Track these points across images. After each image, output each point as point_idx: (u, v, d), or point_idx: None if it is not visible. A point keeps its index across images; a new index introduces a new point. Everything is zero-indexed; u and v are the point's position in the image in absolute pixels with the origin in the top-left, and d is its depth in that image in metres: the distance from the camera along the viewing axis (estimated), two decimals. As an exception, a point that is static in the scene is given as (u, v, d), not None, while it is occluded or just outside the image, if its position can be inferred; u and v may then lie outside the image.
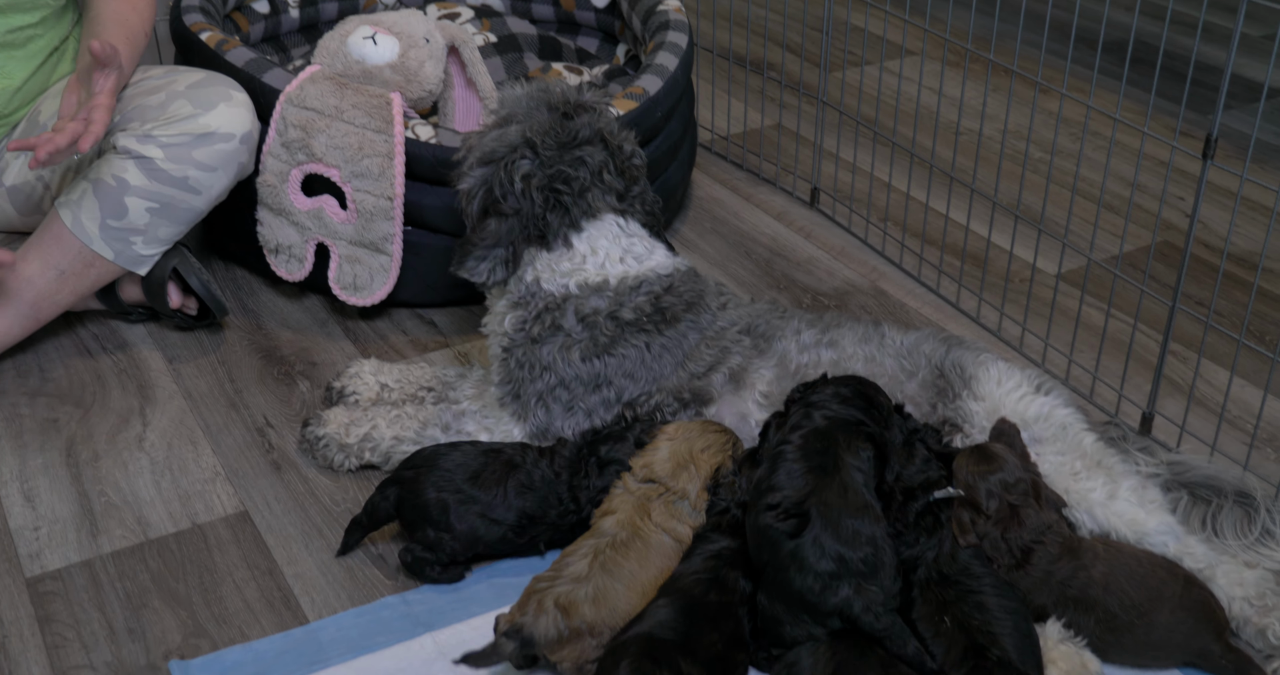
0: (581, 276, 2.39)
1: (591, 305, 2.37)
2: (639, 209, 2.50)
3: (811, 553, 1.92)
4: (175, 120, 2.62)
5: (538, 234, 2.39)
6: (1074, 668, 1.93)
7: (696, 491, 2.14)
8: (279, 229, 2.86)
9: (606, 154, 2.42)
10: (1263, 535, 2.30)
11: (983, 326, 3.02)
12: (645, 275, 2.41)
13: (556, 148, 2.37)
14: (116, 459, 2.53)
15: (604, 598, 1.96)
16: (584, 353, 2.35)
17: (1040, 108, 4.06)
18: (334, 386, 2.65)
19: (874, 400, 2.17)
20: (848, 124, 3.79)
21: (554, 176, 2.36)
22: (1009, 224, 3.23)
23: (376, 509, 2.20)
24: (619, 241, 2.42)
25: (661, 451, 2.18)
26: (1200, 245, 3.33)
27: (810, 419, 2.10)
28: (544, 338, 2.37)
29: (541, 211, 2.37)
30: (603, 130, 2.43)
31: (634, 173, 2.49)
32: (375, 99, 2.77)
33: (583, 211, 2.39)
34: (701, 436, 2.21)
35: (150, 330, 2.92)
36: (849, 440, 2.08)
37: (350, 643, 2.08)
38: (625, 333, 2.37)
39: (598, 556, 2.02)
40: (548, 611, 1.92)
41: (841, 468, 2.03)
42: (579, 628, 1.92)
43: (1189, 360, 2.87)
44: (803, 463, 2.04)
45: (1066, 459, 2.23)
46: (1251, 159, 3.58)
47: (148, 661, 2.07)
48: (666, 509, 2.12)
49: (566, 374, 2.35)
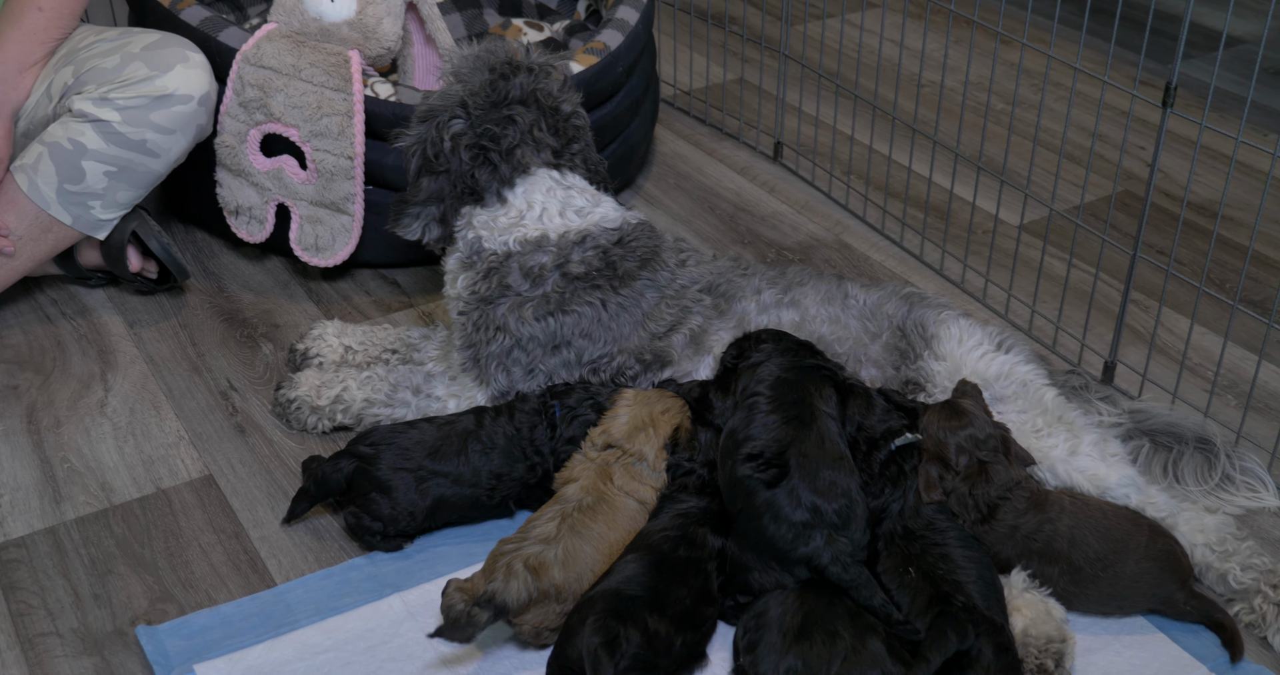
0: (520, 232, 2.38)
1: (535, 261, 2.36)
2: (580, 164, 2.49)
3: (787, 502, 1.93)
4: (132, 83, 2.57)
5: (470, 192, 2.39)
6: (1038, 615, 1.94)
7: (654, 452, 2.14)
8: (239, 190, 2.82)
9: (539, 113, 2.41)
10: (1223, 480, 2.33)
11: (946, 278, 3.02)
12: (589, 229, 2.40)
13: (488, 107, 2.37)
14: (78, 425, 2.50)
15: (573, 559, 1.96)
16: (537, 311, 2.33)
17: (1001, 58, 4.04)
18: (297, 349, 2.62)
19: (813, 347, 2.21)
20: (810, 77, 3.77)
21: (482, 135, 2.36)
22: (971, 175, 3.22)
23: (328, 480, 2.18)
24: (555, 194, 2.41)
25: (620, 417, 2.18)
26: (1161, 194, 3.33)
27: (770, 370, 2.11)
28: (494, 298, 2.36)
29: (470, 169, 2.37)
30: (537, 90, 2.42)
31: (572, 132, 2.47)
32: (333, 57, 2.72)
33: (512, 168, 2.38)
34: (660, 401, 2.21)
35: (110, 295, 2.89)
36: (818, 387, 2.09)
37: (318, 604, 2.07)
38: (578, 290, 2.35)
39: (565, 519, 2.02)
40: (518, 574, 1.91)
41: (817, 417, 2.04)
42: (547, 590, 1.91)
43: (1150, 309, 2.87)
44: (778, 413, 2.04)
45: (1028, 416, 2.23)
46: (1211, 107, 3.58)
47: (114, 627, 2.06)
48: (627, 471, 2.12)
49: (521, 333, 2.33)
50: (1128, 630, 2.04)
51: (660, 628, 1.84)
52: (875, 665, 1.77)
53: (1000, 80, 3.88)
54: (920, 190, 3.31)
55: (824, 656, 1.78)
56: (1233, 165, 2.39)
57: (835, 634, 1.80)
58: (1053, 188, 2.93)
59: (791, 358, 2.16)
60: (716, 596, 1.99)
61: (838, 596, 1.88)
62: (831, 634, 1.80)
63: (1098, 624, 2.05)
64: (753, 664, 1.84)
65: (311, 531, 2.24)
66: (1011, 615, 1.94)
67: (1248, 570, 2.07)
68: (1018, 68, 2.86)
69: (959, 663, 1.79)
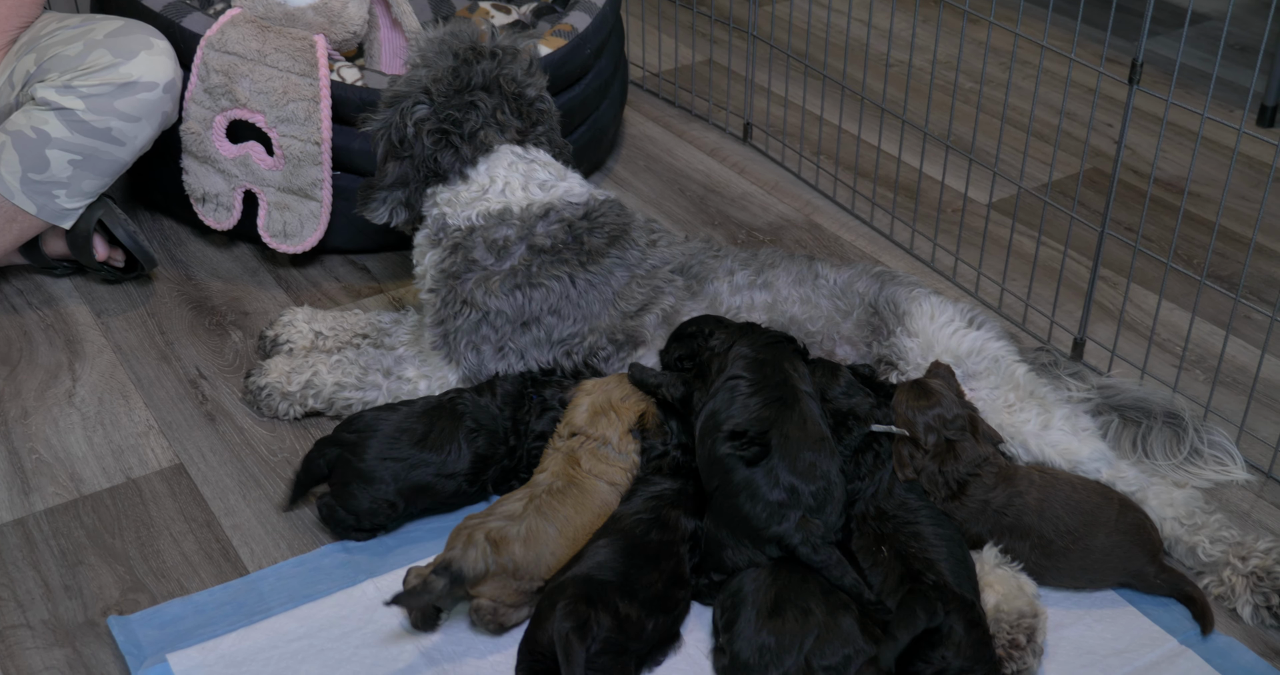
0: (483, 206, 2.38)
1: (499, 234, 2.36)
2: (545, 144, 2.49)
3: (765, 482, 1.93)
4: (95, 70, 2.54)
5: (434, 173, 2.40)
6: (1010, 591, 1.95)
7: (618, 436, 2.14)
8: (205, 177, 2.80)
9: (501, 98, 2.42)
10: (1191, 454, 2.34)
11: (916, 257, 3.02)
12: (552, 202, 2.40)
13: (451, 93, 2.38)
14: (46, 415, 2.47)
15: (535, 539, 1.96)
16: (504, 285, 2.33)
17: (969, 37, 4.04)
18: (267, 335, 2.61)
19: (756, 327, 2.22)
20: (779, 58, 3.76)
21: (444, 120, 2.37)
22: (940, 154, 3.22)
23: (313, 466, 2.17)
24: (517, 168, 2.41)
25: (581, 406, 2.18)
26: (1128, 171, 3.34)
27: (743, 351, 2.12)
28: (461, 273, 2.36)
29: (432, 153, 2.38)
30: (500, 76, 2.42)
31: (536, 116, 2.48)
32: (298, 42, 2.70)
33: (474, 148, 2.39)
34: (619, 387, 2.21)
35: (77, 284, 2.86)
36: (794, 365, 2.10)
37: (291, 592, 2.06)
38: (545, 263, 2.34)
39: (533, 500, 2.03)
40: (477, 544, 1.92)
41: (800, 398, 2.05)
42: (506, 564, 1.92)
43: (1119, 285, 2.88)
44: (760, 395, 2.04)
45: (1000, 392, 2.24)
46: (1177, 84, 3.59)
47: (86, 618, 2.04)
48: (593, 455, 2.12)
49: (489, 307, 2.32)
50: (1098, 604, 2.05)
51: (631, 612, 1.84)
52: (847, 642, 1.77)
53: (968, 59, 3.88)
54: (890, 170, 3.30)
55: (797, 633, 1.78)
56: (1199, 141, 2.39)
57: (808, 611, 1.80)
58: (1021, 166, 2.94)
59: (757, 336, 2.16)
60: (689, 579, 1.99)
61: (811, 573, 1.88)
62: (804, 611, 1.80)
63: (1069, 599, 2.06)
64: (730, 641, 1.84)
65: (284, 519, 2.22)
66: (983, 591, 1.94)
67: (1216, 543, 2.08)
68: (985, 46, 2.86)
69: (931, 640, 1.80)
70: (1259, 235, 3.04)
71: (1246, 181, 3.30)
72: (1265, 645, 2.00)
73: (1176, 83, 2.52)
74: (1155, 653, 1.96)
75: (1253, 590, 2.02)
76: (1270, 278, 2.91)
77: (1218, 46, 2.45)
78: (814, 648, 1.76)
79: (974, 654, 1.81)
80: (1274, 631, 2.02)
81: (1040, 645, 1.91)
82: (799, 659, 1.76)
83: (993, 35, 3.94)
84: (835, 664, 1.76)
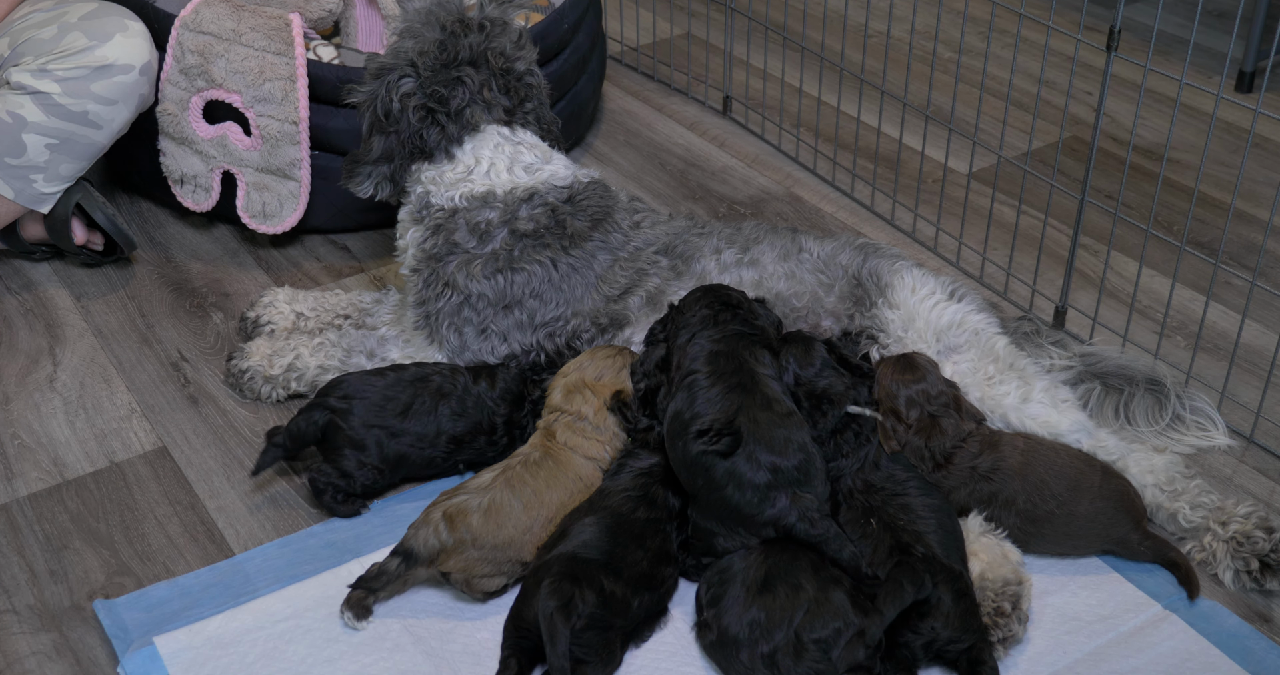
0: (467, 188, 2.35)
1: (482, 217, 2.34)
2: (532, 122, 2.46)
3: (747, 467, 1.91)
4: (70, 53, 2.51)
5: (419, 150, 2.37)
6: (995, 558, 1.95)
7: (594, 410, 2.13)
8: (183, 159, 2.77)
9: (489, 74, 2.38)
10: (1173, 420, 2.34)
11: (898, 228, 3.01)
12: (537, 187, 2.37)
13: (437, 67, 2.35)
14: (28, 400, 2.45)
15: (496, 511, 1.96)
16: (485, 269, 2.31)
17: (947, 7, 4.02)
18: (248, 317, 2.58)
19: (729, 301, 2.18)
20: (757, 30, 3.73)
21: (430, 96, 2.34)
22: (920, 125, 3.20)
23: (303, 433, 2.15)
24: (503, 150, 2.38)
25: (557, 387, 2.18)
26: (1107, 139, 3.33)
27: (701, 345, 2.10)
28: (443, 256, 2.33)
29: (419, 129, 2.35)
30: (488, 50, 2.38)
31: (525, 91, 2.44)
32: (274, 21, 2.66)
33: (460, 127, 2.36)
34: (592, 364, 2.20)
35: (56, 268, 2.83)
36: (752, 351, 2.08)
37: (277, 572, 2.05)
38: (527, 248, 2.32)
39: (505, 472, 2.03)
40: (431, 522, 1.92)
41: (759, 381, 2.03)
42: (463, 537, 1.92)
43: (1099, 253, 2.87)
44: (719, 385, 2.02)
45: (980, 364, 2.23)
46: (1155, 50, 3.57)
47: (72, 602, 2.03)
48: (568, 428, 2.11)
49: (470, 290, 2.31)
50: (1083, 571, 2.05)
51: (617, 589, 1.83)
52: (838, 616, 1.77)
53: (946, 28, 3.86)
54: (870, 141, 3.29)
55: (787, 608, 1.77)
56: (1177, 107, 2.38)
57: (798, 586, 1.80)
58: (1000, 135, 2.92)
59: (718, 329, 2.13)
60: (676, 556, 1.98)
61: (801, 550, 1.88)
62: (795, 586, 1.80)
63: (1054, 566, 2.06)
64: (716, 617, 1.83)
65: (269, 500, 2.21)
66: (969, 559, 1.94)
67: (1197, 509, 2.08)
68: (963, 16, 2.84)
69: (920, 610, 1.80)
70: (1238, 201, 3.04)
71: (1225, 147, 3.29)
72: (1248, 609, 2.00)
73: (1154, 49, 2.51)
74: (1139, 618, 1.96)
75: (1233, 555, 2.02)
76: (1250, 243, 2.91)
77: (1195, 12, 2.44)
78: (804, 622, 1.75)
79: (962, 624, 1.81)
80: (1255, 595, 2.03)
81: (1025, 612, 1.91)
82: (789, 633, 1.75)
83: (970, 4, 3.92)
84: (825, 637, 1.75)
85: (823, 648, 1.74)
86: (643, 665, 1.89)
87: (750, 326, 2.14)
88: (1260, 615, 2.00)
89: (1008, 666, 1.88)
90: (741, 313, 2.17)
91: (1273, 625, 1.98)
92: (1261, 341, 2.58)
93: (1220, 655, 1.90)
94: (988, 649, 1.83)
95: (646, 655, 1.90)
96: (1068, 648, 1.92)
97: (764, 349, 2.11)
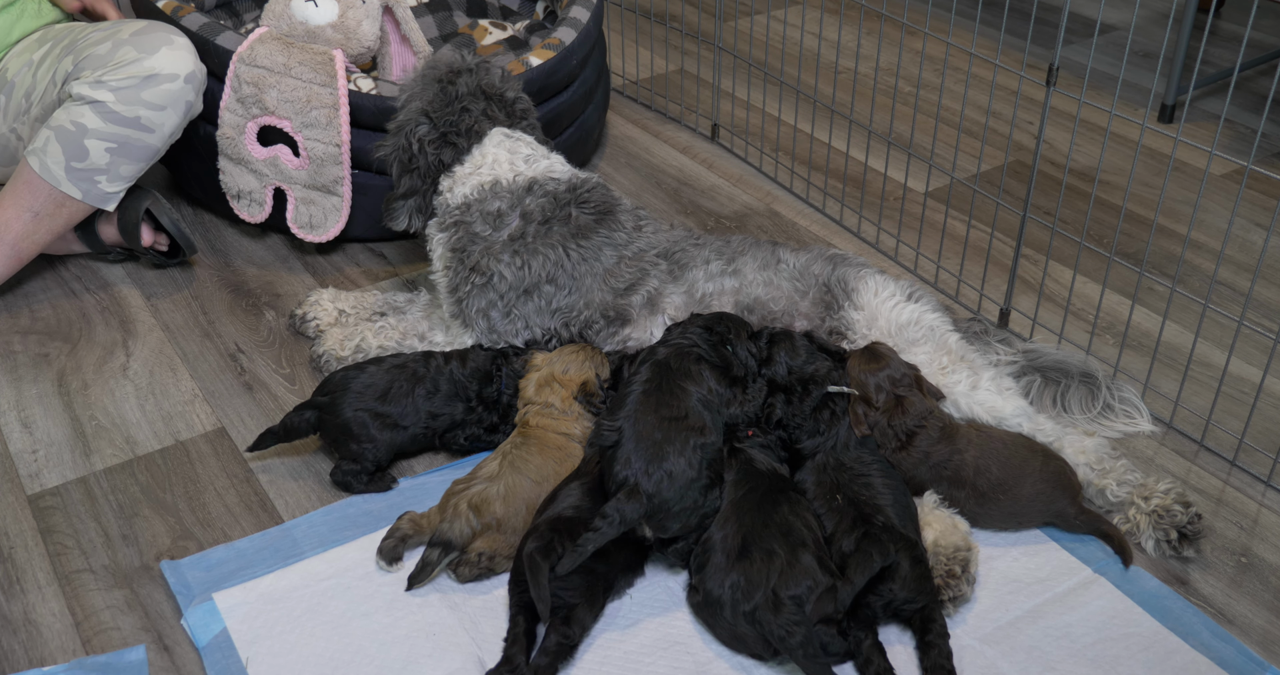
0: (476, 180, 2.37)
1: (493, 206, 2.34)
2: (530, 132, 2.49)
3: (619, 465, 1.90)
4: (122, 65, 2.50)
5: (441, 170, 2.41)
6: (946, 528, 1.95)
7: (560, 399, 2.14)
8: (239, 176, 2.76)
9: (487, 102, 2.42)
10: (1104, 409, 2.34)
11: (863, 240, 3.00)
12: (535, 177, 2.38)
13: (444, 108, 2.39)
14: (104, 386, 2.45)
15: (513, 494, 1.96)
16: (505, 252, 2.31)
17: (907, 47, 4.01)
18: (297, 314, 2.58)
19: (712, 327, 2.16)
20: (742, 67, 3.72)
21: (443, 125, 2.39)
22: (883, 150, 3.20)
23: (293, 427, 2.15)
24: (504, 145, 2.40)
25: (530, 381, 2.18)
26: (1046, 162, 3.33)
27: (654, 353, 2.10)
28: (466, 246, 2.34)
29: (437, 157, 2.39)
30: (481, 84, 2.43)
31: (520, 113, 2.49)
32: (319, 56, 2.66)
33: (470, 139, 2.40)
34: (560, 361, 2.20)
35: (128, 270, 2.82)
36: (683, 365, 2.06)
37: (321, 538, 2.05)
38: (539, 234, 2.32)
39: (505, 458, 2.03)
40: (461, 514, 1.92)
41: (676, 394, 2.00)
42: (490, 523, 1.92)
43: (1039, 262, 2.87)
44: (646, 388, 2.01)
45: (935, 356, 2.23)
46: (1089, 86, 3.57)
47: (141, 563, 2.02)
48: (540, 414, 2.12)
49: (494, 271, 2.31)
50: (1024, 541, 2.05)
51: None
52: (808, 575, 1.76)
53: (906, 66, 3.85)
54: (839, 163, 3.28)
55: (763, 572, 1.77)
56: (1107, 136, 2.38)
57: (772, 552, 1.79)
58: (953, 159, 2.92)
59: (677, 339, 2.11)
60: None
61: (770, 516, 1.86)
62: (769, 552, 1.79)
63: (998, 536, 2.05)
64: (702, 581, 1.83)
65: (314, 474, 2.21)
66: (923, 529, 1.94)
67: (1122, 485, 2.08)
68: (921, 55, 2.84)
69: (881, 575, 1.80)
70: (1160, 217, 3.04)
71: (1149, 170, 3.29)
72: (1168, 572, 2.01)
73: (1088, 85, 2.51)
74: (1072, 580, 1.97)
75: (1154, 526, 2.03)
76: (1170, 254, 2.91)
77: (1124, 52, 2.43)
78: (779, 582, 1.75)
79: (917, 586, 1.81)
80: (1174, 561, 2.03)
81: (973, 575, 1.91)
82: (766, 592, 1.75)
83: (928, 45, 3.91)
84: (799, 594, 1.75)
85: (797, 603, 1.74)
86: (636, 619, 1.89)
87: (704, 342, 2.12)
88: (1178, 579, 2.00)
89: (956, 622, 1.88)
90: (712, 338, 2.14)
91: (1189, 587, 1.98)
92: (1180, 340, 2.58)
93: (1142, 613, 1.91)
94: (938, 609, 1.83)
95: (639, 608, 1.90)
96: (1009, 606, 1.92)
97: (700, 363, 2.07)
